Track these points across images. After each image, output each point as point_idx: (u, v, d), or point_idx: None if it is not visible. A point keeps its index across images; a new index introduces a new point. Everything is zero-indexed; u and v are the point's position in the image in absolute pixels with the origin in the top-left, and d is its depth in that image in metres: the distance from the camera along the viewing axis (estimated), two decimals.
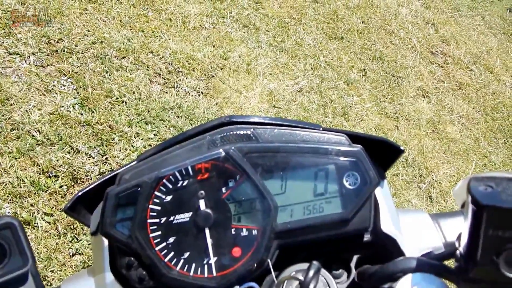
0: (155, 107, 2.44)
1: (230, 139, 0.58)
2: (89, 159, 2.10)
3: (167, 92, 2.59)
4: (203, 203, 0.55)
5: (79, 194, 0.59)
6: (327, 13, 3.91)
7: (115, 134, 2.23)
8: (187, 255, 0.55)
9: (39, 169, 1.98)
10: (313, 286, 0.50)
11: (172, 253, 0.55)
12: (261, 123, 0.61)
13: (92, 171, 2.07)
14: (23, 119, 2.09)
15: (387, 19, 4.25)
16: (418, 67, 3.91)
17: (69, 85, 2.33)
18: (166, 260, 0.55)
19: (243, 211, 0.56)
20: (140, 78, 2.55)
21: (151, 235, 0.55)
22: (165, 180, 0.55)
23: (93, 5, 2.80)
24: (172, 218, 0.55)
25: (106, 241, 0.58)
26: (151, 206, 0.55)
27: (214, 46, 3.03)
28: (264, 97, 2.88)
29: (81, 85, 2.35)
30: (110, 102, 2.35)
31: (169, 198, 0.55)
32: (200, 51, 2.91)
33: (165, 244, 0.55)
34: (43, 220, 1.88)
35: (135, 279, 0.55)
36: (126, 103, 2.39)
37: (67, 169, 2.01)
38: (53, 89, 2.27)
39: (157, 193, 0.55)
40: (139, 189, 0.55)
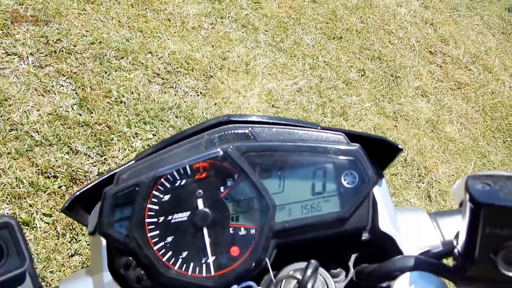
0: (154, 107, 2.44)
1: (228, 138, 0.58)
2: (88, 160, 2.10)
3: (166, 92, 2.58)
4: (201, 203, 0.55)
5: (76, 194, 0.59)
6: (325, 13, 3.91)
7: (114, 134, 2.23)
8: (185, 254, 0.55)
9: (38, 169, 1.98)
10: (311, 285, 0.50)
11: (170, 253, 0.55)
12: (259, 122, 0.60)
13: (91, 172, 2.06)
14: (21, 119, 2.09)
15: (386, 19, 4.25)
16: (417, 67, 3.91)
17: (67, 86, 2.33)
18: (164, 259, 0.55)
19: (241, 210, 0.56)
20: (138, 78, 2.55)
21: (149, 234, 0.55)
22: (163, 179, 0.55)
23: (92, 6, 2.80)
24: (170, 217, 0.55)
25: (104, 241, 0.58)
26: (149, 205, 0.55)
27: (213, 46, 3.03)
28: (263, 97, 2.88)
29: (80, 85, 2.35)
30: (108, 102, 2.35)
31: (167, 197, 0.55)
32: (199, 51, 2.91)
33: (163, 243, 0.55)
34: (42, 220, 1.88)
35: (133, 279, 0.55)
36: (125, 103, 2.39)
37: (66, 170, 2.01)
38: (51, 89, 2.27)
39: (155, 192, 0.55)
40: (137, 189, 0.54)
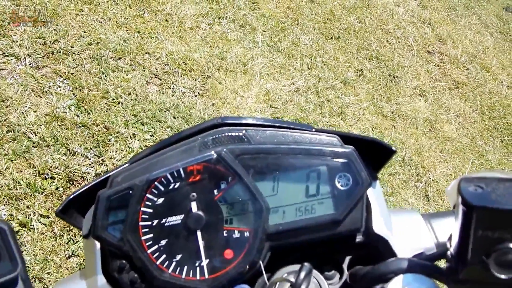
0: (152, 108, 2.43)
1: (222, 141, 0.58)
2: (85, 161, 2.10)
3: (163, 92, 2.58)
4: (195, 205, 0.55)
5: (70, 197, 0.59)
6: (323, 13, 3.91)
7: (111, 135, 2.22)
8: (179, 257, 0.55)
9: (35, 171, 1.98)
10: (305, 287, 0.50)
11: (164, 256, 0.55)
12: (253, 124, 0.60)
13: (88, 173, 2.06)
14: (19, 121, 2.09)
15: (384, 18, 4.26)
16: (414, 67, 3.91)
17: (65, 87, 2.33)
18: (158, 262, 0.54)
19: (235, 213, 0.56)
20: (136, 79, 2.55)
21: (143, 237, 0.55)
22: (156, 182, 0.55)
23: (89, 6, 2.79)
24: (164, 220, 0.55)
25: (98, 244, 0.58)
26: (143, 208, 0.55)
27: (210, 46, 3.02)
28: (260, 97, 2.88)
29: (77, 86, 2.34)
30: (106, 103, 2.35)
31: (161, 200, 0.55)
32: (196, 51, 2.91)
33: (157, 246, 0.55)
34: (39, 222, 1.88)
35: (126, 282, 0.55)
36: (122, 104, 2.39)
37: (63, 171, 2.01)
38: (49, 90, 2.27)
39: (149, 195, 0.55)
40: (131, 192, 0.54)
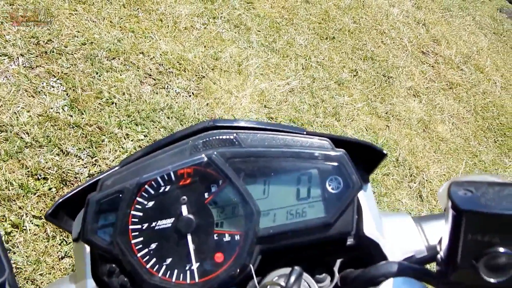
0: (146, 108, 2.43)
1: (212, 144, 0.57)
2: (79, 161, 2.09)
3: (157, 93, 2.57)
4: (185, 209, 0.55)
5: (60, 200, 0.58)
6: (318, 13, 3.92)
7: (104, 135, 2.21)
8: (169, 261, 0.55)
9: (28, 171, 1.97)
10: None
11: (154, 260, 0.54)
12: (245, 127, 0.60)
13: (81, 173, 2.05)
14: (11, 121, 2.07)
15: (379, 19, 4.27)
16: (409, 67, 3.93)
17: (58, 87, 2.31)
18: (148, 266, 0.54)
19: (225, 216, 0.55)
20: (130, 79, 2.54)
21: (133, 241, 0.54)
22: (147, 186, 0.55)
23: (83, 6, 2.78)
24: (154, 224, 0.55)
25: (88, 248, 0.57)
26: (133, 212, 0.54)
27: (205, 46, 3.02)
28: (255, 97, 2.88)
29: (71, 86, 2.33)
30: (100, 103, 2.34)
31: (151, 204, 0.55)
32: (191, 51, 2.91)
33: (147, 250, 0.54)
34: (32, 223, 1.87)
35: (116, 286, 0.55)
36: (116, 104, 2.38)
37: (56, 171, 2.00)
38: (42, 90, 2.25)
39: (139, 199, 0.54)
40: (121, 195, 0.54)
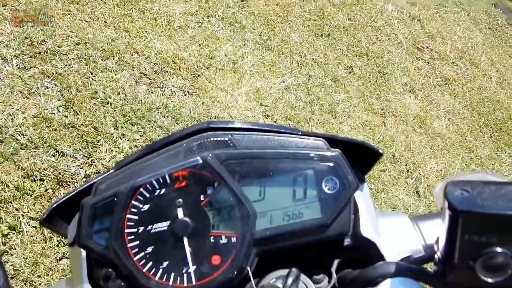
0: (141, 107, 2.42)
1: (207, 146, 0.57)
2: (75, 162, 2.08)
3: (153, 92, 2.56)
4: (181, 212, 0.55)
5: (54, 205, 0.58)
6: (313, 11, 3.91)
7: (100, 136, 2.20)
8: (165, 264, 0.54)
9: (24, 173, 1.96)
10: None
11: (150, 263, 0.54)
12: (240, 128, 0.60)
13: (77, 174, 2.04)
14: (6, 122, 2.06)
15: (373, 15, 4.27)
16: (404, 63, 3.93)
17: (53, 87, 2.30)
18: (144, 270, 0.54)
19: (221, 218, 0.55)
20: (125, 78, 2.53)
21: (129, 245, 0.54)
22: (142, 189, 0.54)
23: (77, 6, 2.76)
24: (150, 227, 0.54)
25: (83, 252, 0.57)
26: (128, 216, 0.54)
27: (200, 45, 3.01)
28: (250, 95, 2.87)
29: (65, 87, 2.32)
30: (95, 103, 2.33)
31: (146, 207, 0.54)
32: (185, 50, 2.89)
33: (143, 254, 0.54)
34: (29, 224, 1.86)
35: None
36: (111, 104, 2.37)
37: (52, 173, 1.99)
38: (36, 91, 2.24)
39: (134, 202, 0.54)
40: (116, 199, 0.54)
